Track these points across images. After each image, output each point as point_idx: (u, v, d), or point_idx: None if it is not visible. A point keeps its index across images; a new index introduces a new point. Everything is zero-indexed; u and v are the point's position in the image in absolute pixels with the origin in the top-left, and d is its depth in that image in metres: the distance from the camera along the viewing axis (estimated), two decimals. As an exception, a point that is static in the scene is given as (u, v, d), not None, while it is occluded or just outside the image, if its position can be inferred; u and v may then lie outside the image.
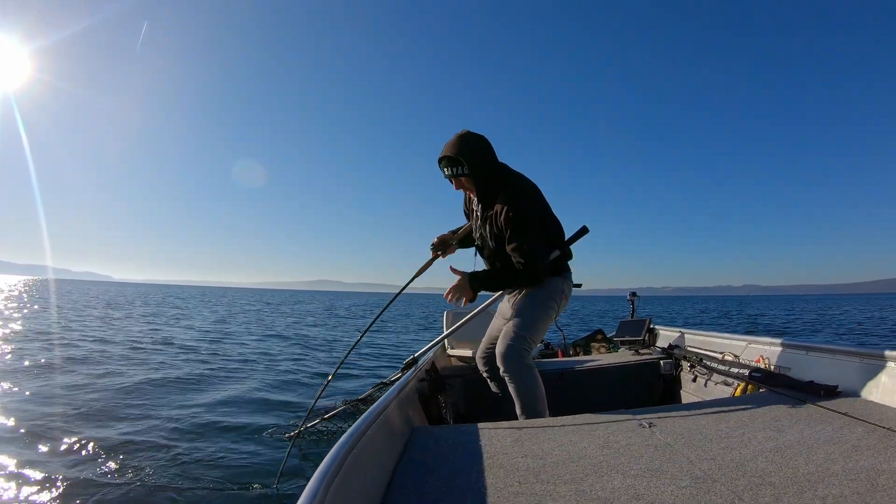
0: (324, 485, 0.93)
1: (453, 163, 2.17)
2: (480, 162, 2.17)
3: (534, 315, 2.22)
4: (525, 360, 2.15)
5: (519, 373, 2.12)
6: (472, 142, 2.18)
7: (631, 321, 3.91)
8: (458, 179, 2.23)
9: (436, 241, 2.55)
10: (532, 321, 2.20)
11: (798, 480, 1.17)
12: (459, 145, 2.17)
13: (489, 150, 2.22)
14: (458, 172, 2.18)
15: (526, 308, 2.23)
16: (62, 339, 9.08)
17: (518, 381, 2.12)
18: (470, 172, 2.17)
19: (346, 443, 1.17)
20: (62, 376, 5.71)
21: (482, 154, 2.19)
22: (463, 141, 2.18)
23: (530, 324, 2.19)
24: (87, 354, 7.42)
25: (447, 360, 3.33)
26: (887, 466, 1.22)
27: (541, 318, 2.23)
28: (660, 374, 3.02)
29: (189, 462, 3.03)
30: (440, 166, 2.24)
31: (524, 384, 2.12)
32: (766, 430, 1.55)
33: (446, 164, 2.20)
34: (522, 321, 2.19)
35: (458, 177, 2.21)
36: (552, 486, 1.22)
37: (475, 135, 2.21)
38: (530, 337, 2.18)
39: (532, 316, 2.21)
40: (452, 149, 2.17)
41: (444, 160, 2.20)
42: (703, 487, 1.16)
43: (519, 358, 2.13)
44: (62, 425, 3.70)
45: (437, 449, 1.56)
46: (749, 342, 2.75)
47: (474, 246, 2.48)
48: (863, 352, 1.97)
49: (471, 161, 2.15)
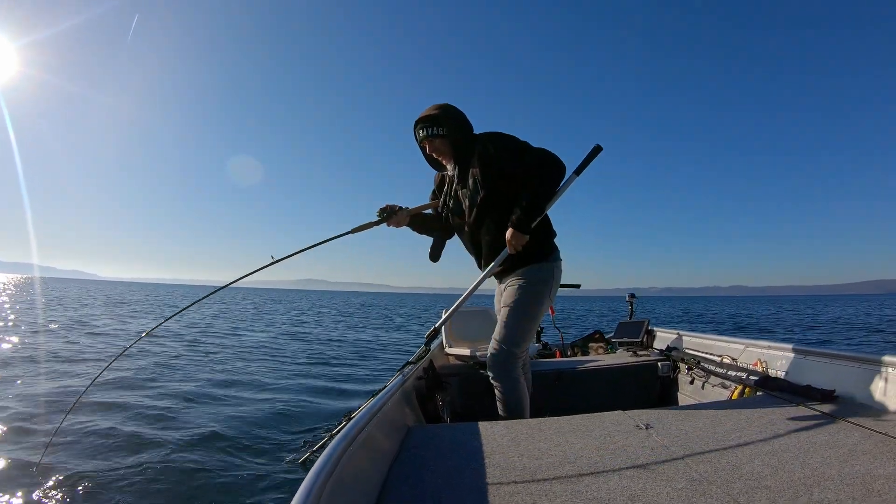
0: (319, 482, 0.93)
1: (431, 122, 2.14)
2: (458, 125, 2.15)
3: (521, 317, 2.13)
4: (510, 370, 2.12)
5: (502, 382, 2.13)
6: (450, 108, 2.17)
7: (629, 322, 3.91)
8: (431, 142, 2.17)
9: (385, 207, 2.31)
10: (518, 326, 2.13)
11: (794, 484, 1.17)
12: (441, 107, 2.16)
13: (466, 118, 2.19)
14: (433, 133, 2.14)
15: (515, 309, 2.14)
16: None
17: (501, 390, 2.14)
18: (447, 133, 2.13)
19: (343, 441, 1.17)
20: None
21: (460, 118, 2.17)
22: (444, 105, 2.17)
23: (517, 329, 2.13)
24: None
25: (445, 359, 3.33)
26: (883, 471, 1.22)
27: (530, 317, 2.16)
28: (657, 375, 3.02)
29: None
30: (415, 129, 2.20)
31: (506, 393, 2.13)
32: (763, 434, 1.55)
33: (423, 126, 2.16)
34: (508, 329, 2.12)
35: (433, 138, 2.15)
36: (548, 486, 1.22)
37: (453, 105, 2.21)
38: (516, 344, 2.13)
39: (518, 320, 2.13)
40: (433, 110, 2.15)
41: (421, 121, 2.16)
42: (699, 490, 1.16)
43: (503, 367, 2.12)
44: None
45: (434, 447, 1.56)
46: (747, 345, 2.76)
47: (432, 229, 2.40)
48: (861, 356, 1.98)
49: (449, 123, 2.13)
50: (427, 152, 2.23)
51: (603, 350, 3.83)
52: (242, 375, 6.16)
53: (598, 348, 3.88)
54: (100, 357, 7.02)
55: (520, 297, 2.13)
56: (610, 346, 3.84)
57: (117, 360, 3.29)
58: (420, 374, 2.45)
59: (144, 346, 8.02)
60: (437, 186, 2.42)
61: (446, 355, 3.37)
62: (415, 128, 2.20)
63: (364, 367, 7.39)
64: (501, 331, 2.14)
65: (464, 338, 3.41)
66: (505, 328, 2.13)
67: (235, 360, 7.44)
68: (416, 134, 2.21)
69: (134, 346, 3.41)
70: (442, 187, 2.35)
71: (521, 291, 2.13)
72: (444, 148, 2.17)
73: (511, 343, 2.11)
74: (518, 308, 2.13)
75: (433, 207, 2.44)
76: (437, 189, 2.42)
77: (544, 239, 2.18)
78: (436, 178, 2.42)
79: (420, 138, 2.20)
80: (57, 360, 6.57)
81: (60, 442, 3.21)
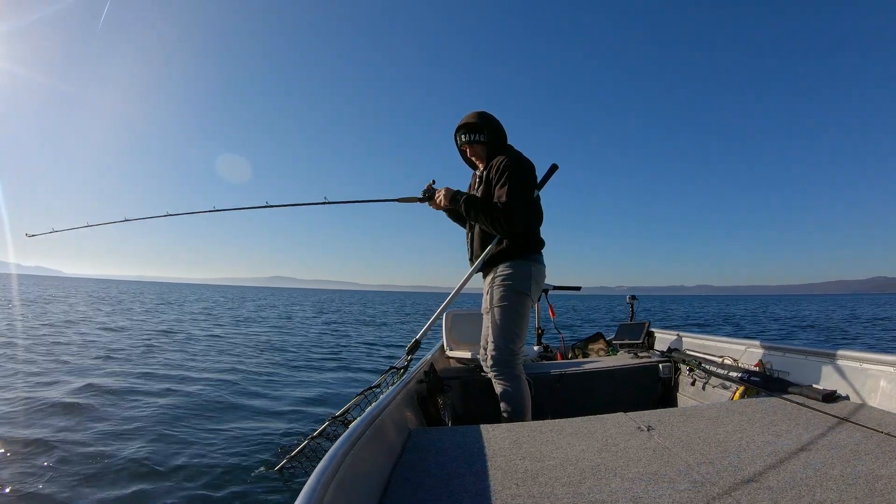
0: (321, 486, 0.93)
1: (473, 129, 2.38)
2: (497, 133, 2.40)
3: (509, 314, 2.26)
4: (512, 367, 2.23)
5: (507, 380, 2.22)
6: (490, 116, 2.41)
7: (630, 324, 3.91)
8: (472, 147, 2.41)
9: (429, 186, 2.51)
10: (508, 323, 2.25)
11: (796, 485, 1.17)
12: (480, 116, 2.39)
13: (502, 127, 2.43)
14: (474, 139, 2.39)
15: (501, 308, 2.27)
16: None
17: (505, 388, 2.22)
18: (486, 139, 2.37)
19: (344, 444, 1.17)
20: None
21: (499, 127, 2.41)
22: (483, 114, 2.41)
23: (508, 327, 2.25)
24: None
25: (446, 362, 3.33)
26: (885, 471, 1.22)
27: (517, 314, 2.27)
28: (658, 377, 3.02)
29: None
30: (457, 135, 2.44)
31: (511, 391, 2.21)
32: (765, 435, 1.55)
33: (465, 131, 2.40)
34: (501, 328, 2.25)
35: (473, 144, 2.40)
36: (550, 489, 1.22)
37: (490, 113, 2.44)
38: (511, 341, 2.25)
39: (507, 318, 2.26)
40: (474, 118, 2.39)
41: (464, 127, 2.40)
42: (700, 491, 1.16)
43: (506, 364, 2.23)
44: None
45: (435, 451, 1.55)
46: (747, 346, 2.75)
47: (465, 223, 2.57)
48: (862, 356, 1.98)
49: (489, 129, 2.37)
50: (468, 156, 2.49)
51: (604, 352, 3.83)
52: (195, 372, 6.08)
53: (599, 350, 3.87)
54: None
55: (503, 295, 2.27)
56: (611, 348, 3.84)
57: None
58: (421, 377, 2.45)
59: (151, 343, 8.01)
60: (470, 184, 2.64)
61: (447, 358, 3.37)
62: (456, 132, 2.46)
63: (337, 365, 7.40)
64: (496, 331, 2.27)
65: (464, 341, 3.41)
66: (498, 328, 2.26)
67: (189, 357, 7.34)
68: (458, 138, 2.46)
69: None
70: (471, 187, 2.58)
71: (504, 290, 2.28)
72: (481, 152, 2.42)
73: (506, 340, 2.24)
74: (504, 307, 2.27)
75: None
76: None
77: (523, 241, 2.32)
78: (472, 178, 2.61)
79: (461, 142, 2.46)
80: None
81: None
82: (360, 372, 6.90)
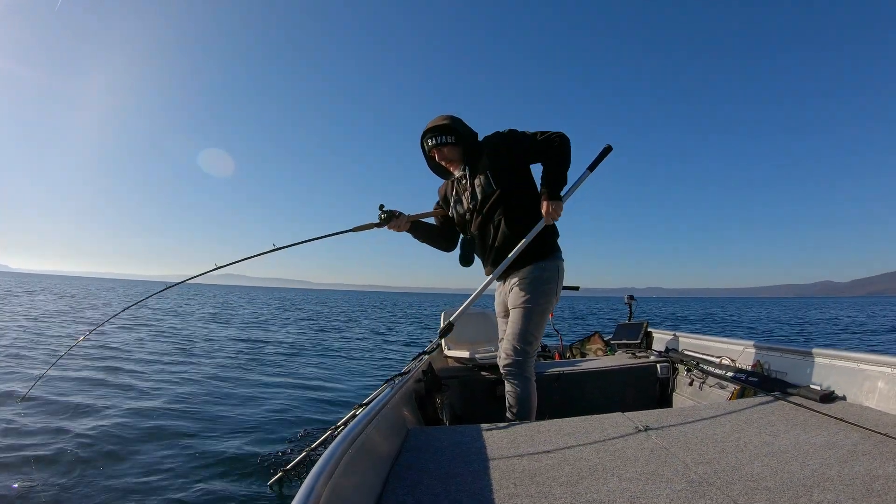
0: (319, 485, 0.93)
1: (443, 130, 2.23)
2: (466, 132, 2.25)
3: (533, 315, 2.16)
4: (526, 369, 2.15)
5: (519, 381, 2.14)
6: (455, 117, 2.27)
7: (628, 324, 3.91)
8: (440, 150, 2.25)
9: (386, 211, 2.31)
10: (531, 324, 2.15)
11: (793, 485, 1.17)
12: (449, 117, 2.25)
13: (470, 127, 2.29)
14: (442, 141, 2.24)
15: (526, 307, 2.16)
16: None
17: (516, 389, 2.14)
18: (456, 140, 2.23)
19: (342, 443, 1.17)
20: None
21: (466, 126, 2.27)
22: (448, 116, 2.26)
23: (531, 328, 2.15)
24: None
25: (444, 361, 3.32)
26: (882, 472, 1.22)
27: (541, 316, 2.18)
28: (656, 377, 3.02)
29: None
30: (423, 140, 2.29)
31: (521, 393, 2.14)
32: (762, 435, 1.55)
33: (433, 135, 2.25)
34: (522, 328, 2.15)
35: (441, 146, 2.24)
36: (547, 489, 1.22)
37: (457, 115, 2.31)
38: (530, 343, 2.15)
39: (530, 318, 2.16)
40: (442, 120, 2.24)
41: (431, 131, 2.25)
42: (698, 491, 1.16)
43: (520, 366, 2.14)
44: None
45: (433, 450, 1.55)
46: (745, 346, 2.76)
47: (433, 239, 2.46)
48: (859, 357, 1.98)
49: (457, 131, 2.23)
50: (436, 161, 2.32)
51: (602, 352, 3.83)
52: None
53: (597, 350, 3.88)
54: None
55: (530, 295, 2.16)
56: (609, 348, 3.84)
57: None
58: (419, 376, 2.45)
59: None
60: (441, 197, 2.48)
61: (445, 358, 3.36)
62: (422, 138, 2.29)
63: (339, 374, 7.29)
64: (516, 330, 2.15)
65: (463, 340, 3.41)
66: (519, 327, 2.15)
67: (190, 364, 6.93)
68: (424, 144, 2.30)
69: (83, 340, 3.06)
70: (447, 197, 2.42)
71: (531, 290, 2.16)
72: (452, 154, 2.26)
73: (525, 342, 2.14)
74: (529, 307, 2.16)
75: (435, 216, 2.50)
76: (441, 200, 2.48)
77: (549, 237, 2.22)
78: (440, 190, 2.49)
79: (429, 147, 2.29)
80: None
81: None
82: (370, 378, 6.73)
